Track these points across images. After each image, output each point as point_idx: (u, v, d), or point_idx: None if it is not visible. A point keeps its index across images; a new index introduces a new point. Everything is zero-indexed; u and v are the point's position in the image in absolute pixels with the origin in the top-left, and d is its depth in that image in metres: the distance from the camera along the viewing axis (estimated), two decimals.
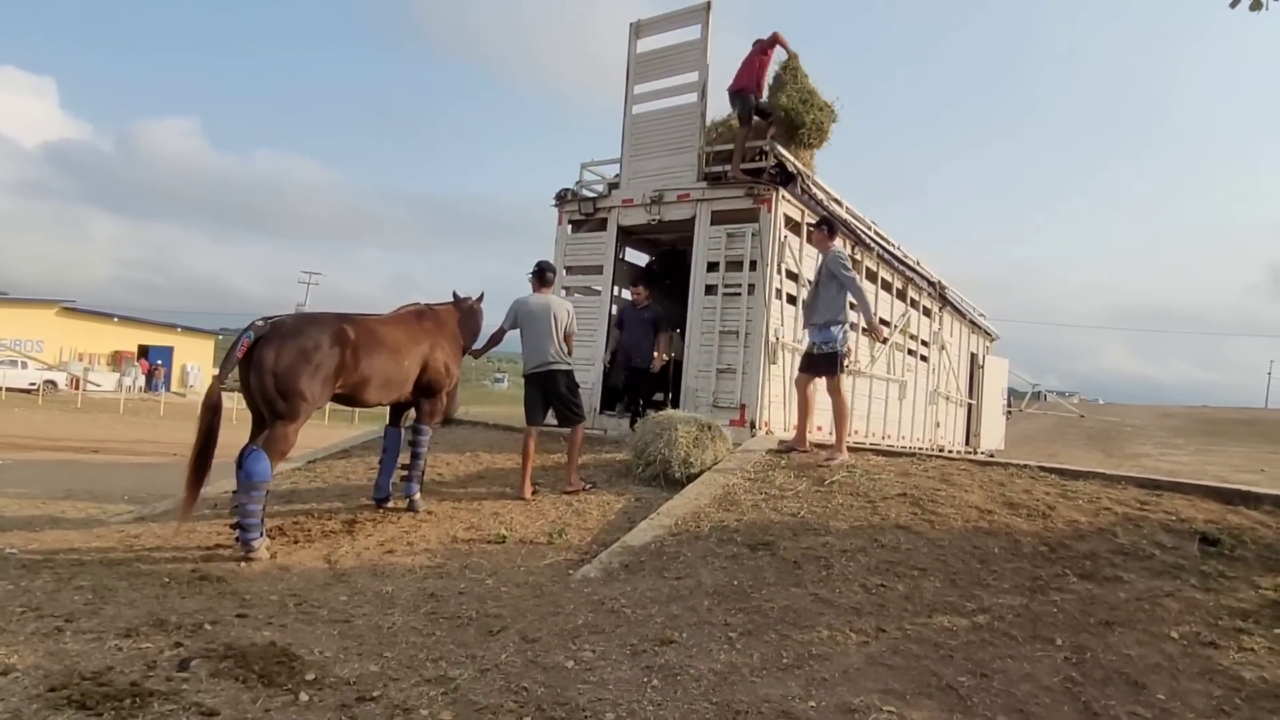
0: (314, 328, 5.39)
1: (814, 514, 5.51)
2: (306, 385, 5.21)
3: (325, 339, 5.35)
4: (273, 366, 5.12)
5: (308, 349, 5.24)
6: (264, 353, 5.14)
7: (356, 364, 5.53)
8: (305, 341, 5.26)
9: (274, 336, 5.20)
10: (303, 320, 5.52)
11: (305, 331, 5.31)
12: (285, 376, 5.14)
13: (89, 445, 16.28)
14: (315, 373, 5.26)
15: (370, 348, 5.65)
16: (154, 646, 3.55)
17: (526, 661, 3.60)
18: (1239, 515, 5.48)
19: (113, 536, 5.65)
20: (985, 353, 16.95)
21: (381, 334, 5.83)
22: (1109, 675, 3.59)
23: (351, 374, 5.52)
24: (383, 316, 6.12)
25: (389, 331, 5.92)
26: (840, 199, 9.54)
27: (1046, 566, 4.69)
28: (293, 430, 5.26)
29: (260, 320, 5.31)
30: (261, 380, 5.14)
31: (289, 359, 5.16)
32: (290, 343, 5.20)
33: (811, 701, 3.29)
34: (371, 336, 5.71)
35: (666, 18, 8.99)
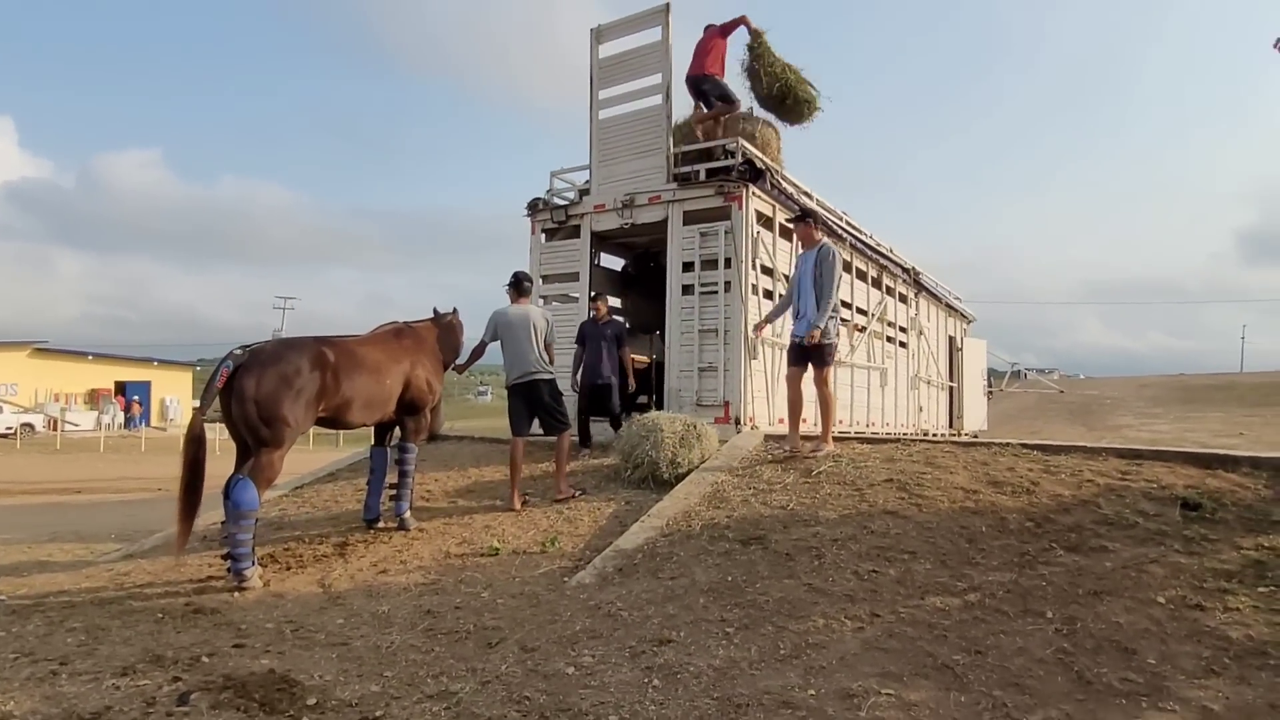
0: (293, 353, 5.38)
1: (803, 505, 5.57)
2: (289, 411, 5.20)
3: (305, 363, 5.34)
4: (254, 394, 5.11)
5: (288, 374, 5.24)
6: (245, 381, 5.13)
7: (338, 386, 5.53)
8: (285, 367, 5.25)
9: (253, 364, 5.19)
10: (282, 346, 5.52)
11: (285, 357, 5.30)
12: (267, 403, 5.13)
13: (71, 486, 16.07)
14: (297, 398, 5.25)
15: (351, 369, 5.64)
16: (152, 683, 3.54)
17: (527, 671, 3.62)
18: (1218, 479, 5.59)
19: (102, 576, 5.60)
20: (963, 335, 17.12)
21: (361, 355, 5.82)
22: (1100, 643, 3.66)
23: (333, 397, 5.52)
24: (361, 337, 6.12)
25: (369, 352, 5.91)
26: (810, 192, 9.63)
27: (1033, 541, 4.76)
28: (278, 457, 5.25)
29: (238, 349, 5.30)
30: (244, 409, 5.13)
31: (270, 386, 5.15)
32: (270, 369, 5.19)
33: (811, 690, 3.33)
34: (351, 358, 5.71)
35: (627, 21, 9.04)
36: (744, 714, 3.16)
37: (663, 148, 8.71)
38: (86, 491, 15.17)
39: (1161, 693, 3.27)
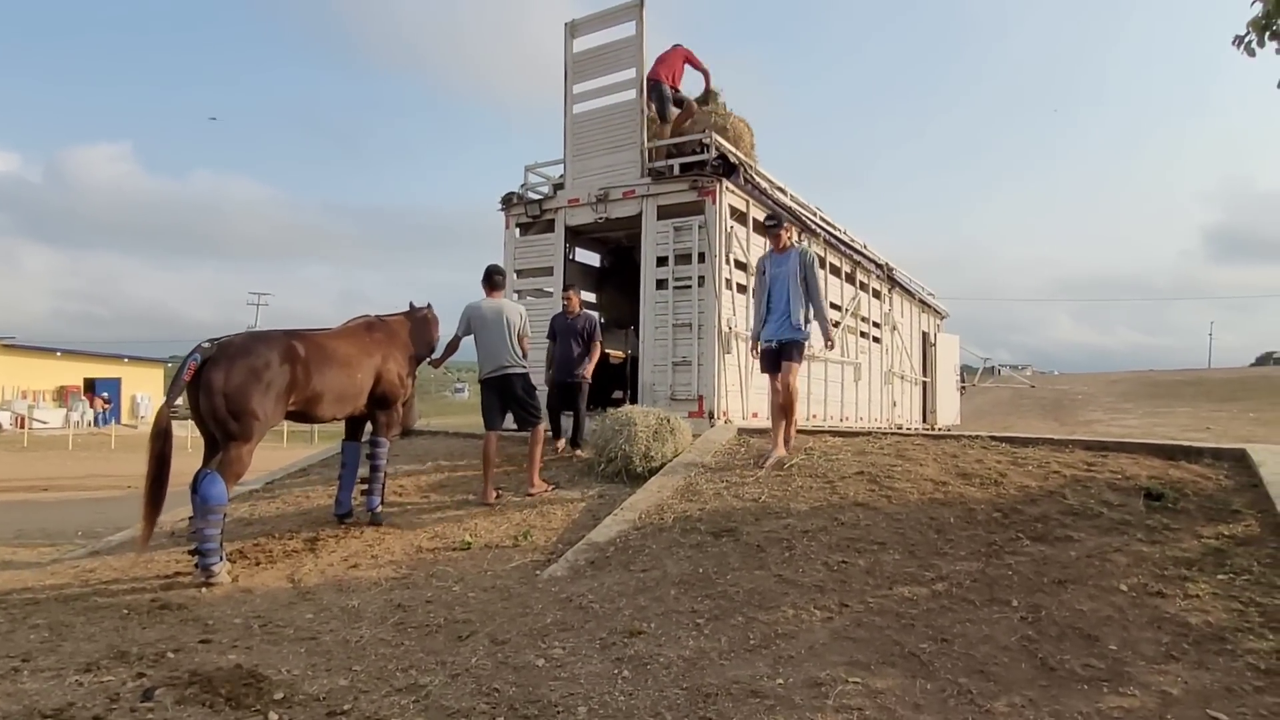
0: (262, 346, 5.32)
1: (774, 498, 5.60)
2: (258, 404, 5.15)
3: (275, 356, 5.29)
4: (223, 387, 5.05)
5: (257, 367, 5.18)
6: (213, 374, 5.07)
7: (308, 380, 5.48)
8: (255, 360, 5.19)
9: (222, 358, 5.13)
10: (251, 339, 5.45)
11: (254, 350, 5.25)
12: (236, 397, 5.07)
13: (39, 484, 15.79)
14: (266, 391, 5.20)
15: (321, 363, 5.60)
16: (116, 679, 3.49)
17: (497, 663, 3.62)
18: (1180, 470, 5.70)
19: (68, 573, 5.51)
20: (936, 330, 17.28)
21: (332, 348, 5.77)
22: (1064, 631, 3.72)
23: (303, 390, 5.47)
24: (332, 330, 6.06)
25: (339, 345, 5.86)
26: (785, 187, 9.67)
27: (1000, 532, 4.83)
28: (246, 451, 5.19)
29: (206, 343, 5.22)
30: (212, 402, 5.06)
31: (239, 379, 5.10)
32: (239, 362, 5.14)
33: (779, 679, 3.36)
34: (322, 351, 5.66)
35: (600, 16, 9.03)
36: (712, 703, 3.18)
37: (637, 142, 8.71)
38: (54, 489, 14.92)
39: (1122, 678, 3.33)
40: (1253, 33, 4.98)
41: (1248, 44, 5.00)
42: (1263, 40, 4.93)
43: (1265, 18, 4.85)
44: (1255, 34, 4.97)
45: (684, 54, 9.45)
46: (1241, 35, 5.01)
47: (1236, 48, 5.04)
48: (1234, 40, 5.05)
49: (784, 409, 6.55)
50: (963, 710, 3.13)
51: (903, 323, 14.43)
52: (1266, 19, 4.85)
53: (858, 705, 3.13)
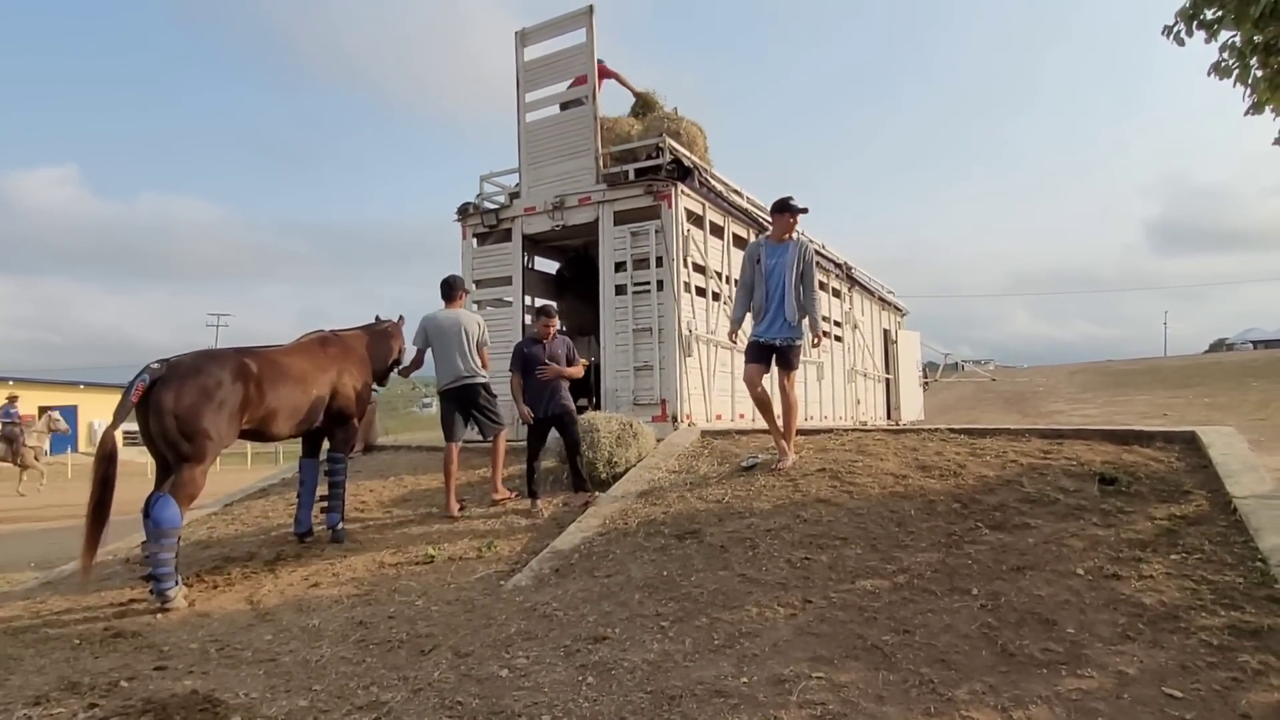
0: (213, 364, 5.22)
1: (738, 498, 5.61)
2: (211, 424, 5.04)
3: (226, 375, 5.19)
4: (173, 408, 4.94)
5: (209, 387, 5.07)
6: (163, 395, 4.96)
7: (262, 397, 5.38)
8: (206, 379, 5.09)
9: (172, 378, 5.02)
10: (200, 358, 5.31)
11: (204, 369, 5.14)
12: (187, 418, 4.96)
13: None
14: (219, 410, 5.09)
15: (274, 379, 5.50)
16: (66, 711, 3.39)
17: (460, 676, 3.57)
18: (1133, 454, 5.81)
19: (16, 605, 5.34)
20: (897, 328, 17.49)
21: (285, 364, 5.68)
22: (1022, 617, 3.76)
23: (257, 408, 5.37)
24: (285, 347, 5.95)
25: (293, 361, 5.77)
26: (740, 189, 9.73)
27: (960, 522, 4.88)
28: (200, 472, 5.07)
29: (155, 363, 5.11)
30: (163, 423, 4.95)
31: (190, 399, 4.98)
32: (190, 382, 5.03)
33: (744, 678, 3.36)
34: (275, 368, 5.57)
35: (551, 24, 9.03)
36: (677, 705, 3.17)
37: (591, 149, 8.72)
38: (6, 520, 14.48)
39: (1080, 660, 3.38)
40: (1181, 22, 5.11)
41: (1176, 34, 5.14)
42: (1191, 30, 5.07)
43: (1193, 7, 4.99)
44: (1184, 24, 5.10)
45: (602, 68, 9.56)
46: (1170, 25, 5.15)
47: (1166, 38, 5.17)
48: (1163, 30, 5.18)
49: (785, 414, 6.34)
50: (925, 700, 3.15)
51: (863, 321, 14.59)
52: (1194, 9, 4.98)
53: (821, 700, 3.14)
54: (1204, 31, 5.06)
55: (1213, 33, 5.07)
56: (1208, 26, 5.05)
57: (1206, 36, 5.09)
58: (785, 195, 6.30)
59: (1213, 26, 5.03)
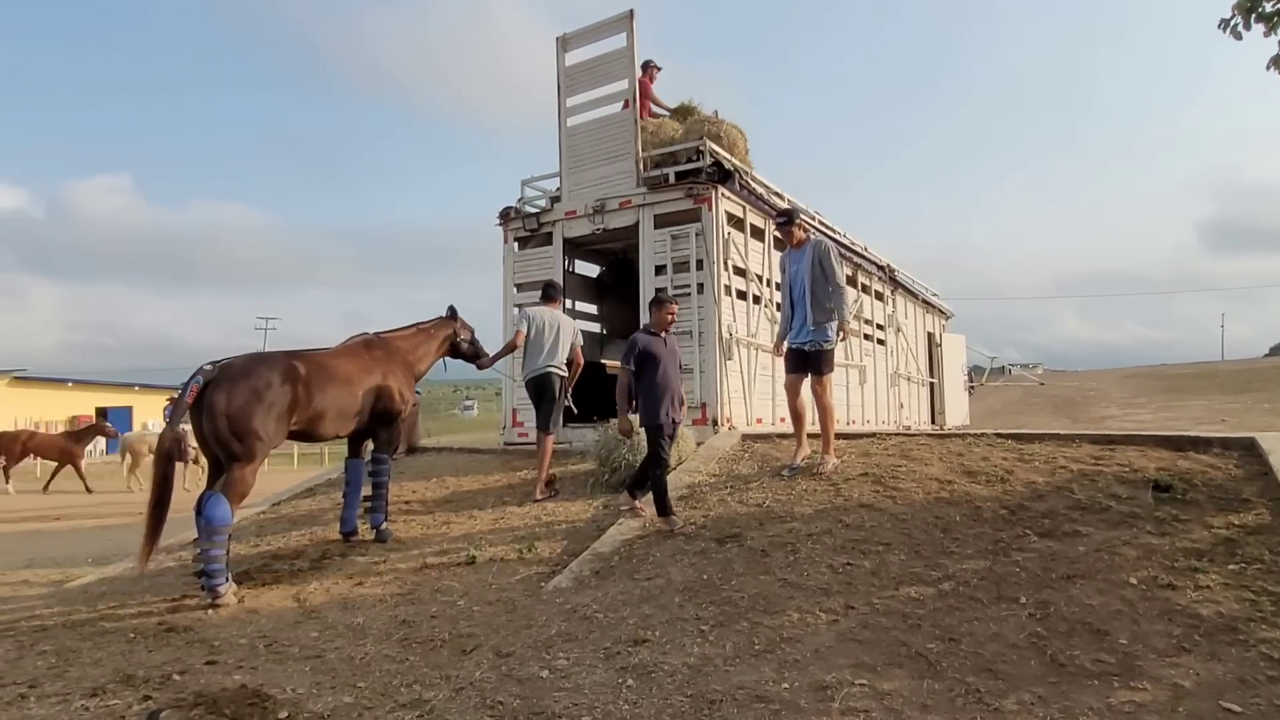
0: (263, 367, 5.36)
1: (778, 502, 5.57)
2: (261, 425, 5.16)
3: (276, 377, 5.32)
4: (225, 409, 5.07)
5: (259, 388, 5.20)
6: (215, 396, 5.10)
7: (310, 399, 5.50)
8: (256, 381, 5.22)
9: (224, 379, 5.16)
10: (252, 360, 5.47)
11: (255, 371, 5.28)
12: (239, 418, 5.09)
13: (50, 513, 15.84)
14: (269, 411, 5.21)
15: (322, 381, 5.62)
16: (122, 703, 3.50)
17: (501, 676, 3.60)
18: (1189, 460, 5.64)
19: (76, 599, 5.53)
20: (942, 331, 17.22)
21: (332, 367, 5.79)
22: (1073, 626, 3.68)
23: (305, 409, 5.49)
24: (332, 349, 6.07)
25: (339, 364, 5.88)
26: (781, 192, 9.67)
27: (1007, 529, 4.79)
28: (250, 471, 5.20)
29: (208, 365, 5.26)
30: (215, 424, 5.09)
31: (241, 400, 5.12)
32: (241, 384, 5.16)
33: (785, 683, 3.33)
34: (322, 370, 5.68)
35: (592, 29, 9.07)
36: (717, 710, 3.16)
37: (631, 152, 8.73)
38: (66, 518, 14.96)
39: (1133, 672, 3.29)
40: (1239, 15, 4.97)
41: (1234, 27, 4.99)
42: (1249, 23, 4.92)
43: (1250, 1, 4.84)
44: (1241, 17, 4.96)
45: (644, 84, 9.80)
46: (1228, 19, 5.01)
47: (1223, 31, 5.03)
48: (1220, 24, 5.04)
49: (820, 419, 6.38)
50: (971, 709, 3.09)
51: (907, 324, 14.39)
52: (1252, 2, 4.84)
53: (864, 707, 3.11)
54: (1263, 25, 4.91)
55: (1272, 25, 4.93)
56: (1267, 19, 4.90)
57: (1266, 29, 4.94)
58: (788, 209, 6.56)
59: (1272, 19, 4.88)
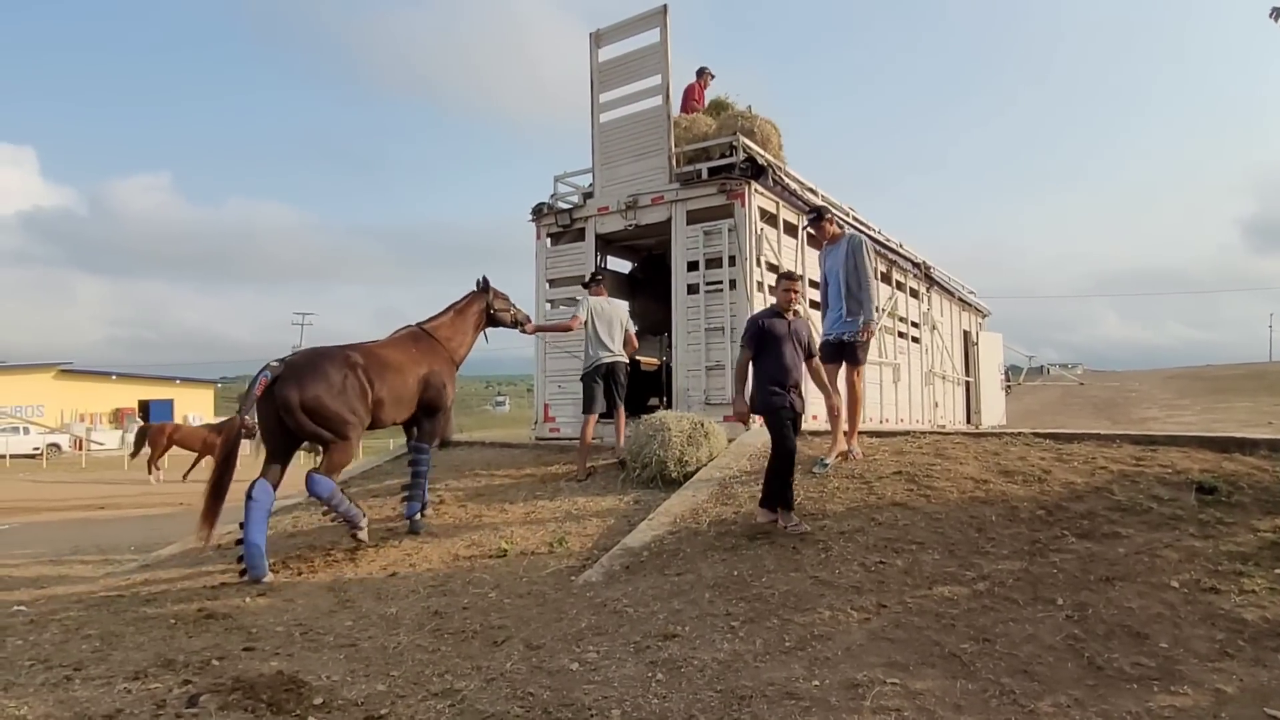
0: (325, 359, 5.75)
1: (810, 499, 5.54)
2: (341, 406, 5.58)
3: (339, 365, 5.71)
4: (300, 402, 5.44)
5: (328, 377, 5.59)
6: (288, 393, 5.44)
7: (371, 386, 5.84)
8: (322, 372, 5.60)
9: (291, 376, 5.51)
10: (313, 354, 5.89)
11: (318, 364, 5.67)
12: (316, 407, 5.48)
13: (95, 503, 16.26)
14: (343, 394, 5.62)
15: (379, 369, 5.95)
16: (163, 686, 3.57)
17: (531, 668, 3.62)
18: (1234, 462, 5.51)
19: (119, 585, 5.67)
20: (978, 329, 16.97)
21: (385, 355, 6.12)
22: (1111, 629, 3.62)
23: (372, 395, 5.84)
24: (381, 341, 6.42)
25: (391, 354, 6.20)
26: (815, 188, 9.59)
27: (1044, 529, 4.71)
28: (345, 450, 5.77)
29: (275, 361, 5.62)
30: (296, 419, 5.46)
31: (313, 391, 5.48)
32: (308, 376, 5.53)
33: (815, 681, 3.31)
34: (377, 359, 6.02)
35: (625, 25, 9.07)
36: (747, 706, 3.15)
37: (664, 148, 8.72)
38: (110, 508, 15.34)
39: (1174, 676, 3.23)
40: None
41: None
42: None
43: None
44: None
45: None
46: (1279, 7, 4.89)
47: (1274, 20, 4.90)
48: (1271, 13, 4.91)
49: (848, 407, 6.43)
50: (1005, 711, 3.05)
51: (942, 322, 14.20)
52: None
53: (896, 706, 3.08)
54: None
55: None
56: None
57: None
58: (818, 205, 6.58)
59: None
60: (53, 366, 43.84)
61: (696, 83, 10.14)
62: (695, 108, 9.86)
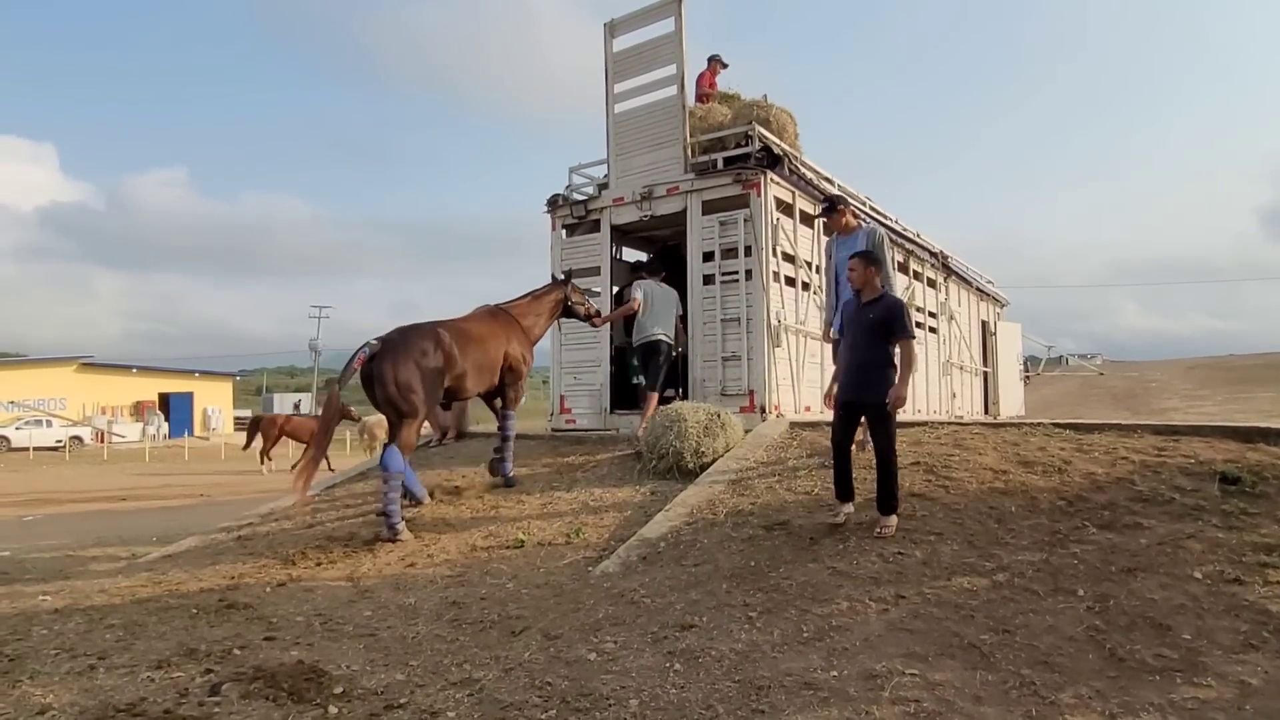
0: (418, 337, 6.25)
1: (827, 490, 5.49)
2: (423, 386, 6.10)
3: (430, 344, 6.21)
4: (393, 377, 5.99)
5: (419, 356, 6.11)
6: (383, 368, 6.01)
7: (456, 360, 6.39)
8: (415, 350, 6.13)
9: (387, 352, 6.08)
10: (407, 332, 6.34)
11: (412, 342, 6.18)
12: (405, 383, 6.02)
13: (117, 494, 16.47)
14: (428, 375, 6.15)
15: (464, 344, 6.50)
16: (185, 675, 3.61)
17: (549, 658, 3.64)
18: (1259, 452, 5.44)
19: (141, 575, 5.72)
20: (996, 319, 16.82)
21: (470, 331, 6.69)
22: (1133, 620, 3.58)
23: (454, 369, 6.38)
24: (465, 317, 7.03)
25: (474, 328, 6.79)
26: (831, 177, 9.52)
27: (1065, 520, 4.67)
28: (415, 427, 6.29)
29: (374, 340, 6.18)
30: (386, 390, 6.02)
31: (405, 368, 6.03)
32: (402, 354, 6.08)
33: (833, 671, 3.30)
34: (463, 335, 6.57)
35: (640, 14, 9.01)
36: (765, 696, 3.15)
37: (679, 138, 8.68)
38: (132, 499, 15.54)
39: (1197, 668, 3.20)
40: None
41: None
42: None
43: None
44: None
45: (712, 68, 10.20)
46: None
47: None
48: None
49: None
50: (1026, 702, 3.04)
51: (960, 312, 14.08)
52: None
53: (915, 697, 3.06)
54: None
55: None
56: None
57: None
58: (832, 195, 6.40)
59: None
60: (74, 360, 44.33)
61: (708, 70, 10.09)
62: (709, 94, 9.79)
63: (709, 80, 9.98)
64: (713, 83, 9.98)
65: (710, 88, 9.91)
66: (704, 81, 9.94)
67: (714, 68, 10.13)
